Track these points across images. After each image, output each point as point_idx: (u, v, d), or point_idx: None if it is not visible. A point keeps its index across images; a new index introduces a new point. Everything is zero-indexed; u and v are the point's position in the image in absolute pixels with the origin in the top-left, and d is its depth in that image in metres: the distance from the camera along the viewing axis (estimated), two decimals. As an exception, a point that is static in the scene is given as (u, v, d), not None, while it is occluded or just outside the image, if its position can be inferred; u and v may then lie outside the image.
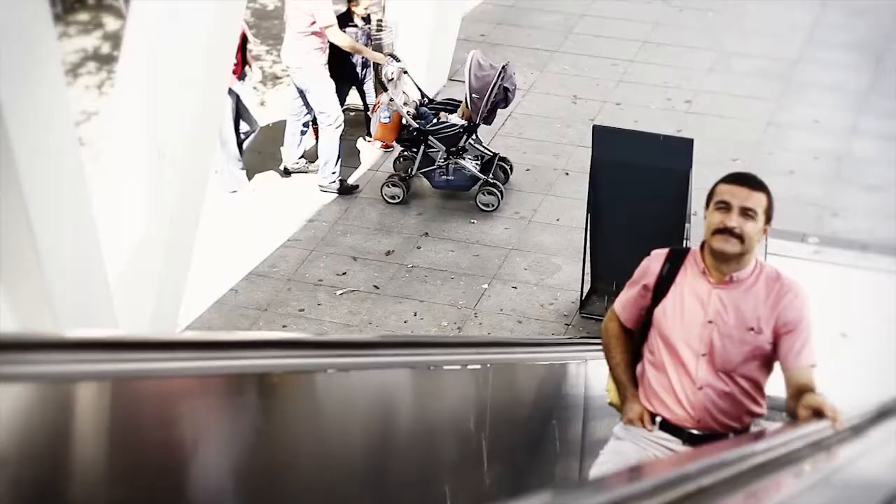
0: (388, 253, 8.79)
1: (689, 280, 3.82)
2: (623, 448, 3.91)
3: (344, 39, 9.23)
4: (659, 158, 7.66)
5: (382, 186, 9.35)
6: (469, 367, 4.23)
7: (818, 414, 3.46)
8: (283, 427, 3.25)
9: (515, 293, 8.40)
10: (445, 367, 4.30)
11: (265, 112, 10.45)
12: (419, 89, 9.55)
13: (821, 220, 9.24)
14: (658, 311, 3.84)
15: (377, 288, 8.39)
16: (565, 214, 9.19)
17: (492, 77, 8.83)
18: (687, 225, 7.77)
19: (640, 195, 7.77)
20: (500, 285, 8.48)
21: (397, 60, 9.42)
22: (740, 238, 3.66)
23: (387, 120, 9.12)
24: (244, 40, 9.20)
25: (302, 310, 8.12)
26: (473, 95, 8.90)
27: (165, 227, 6.13)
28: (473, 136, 9.22)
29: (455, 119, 9.16)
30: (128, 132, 6.10)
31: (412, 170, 9.29)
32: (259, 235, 8.93)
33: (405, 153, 9.48)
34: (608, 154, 7.89)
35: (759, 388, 3.83)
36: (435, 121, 9.22)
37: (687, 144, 7.71)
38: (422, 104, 9.44)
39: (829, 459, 3.29)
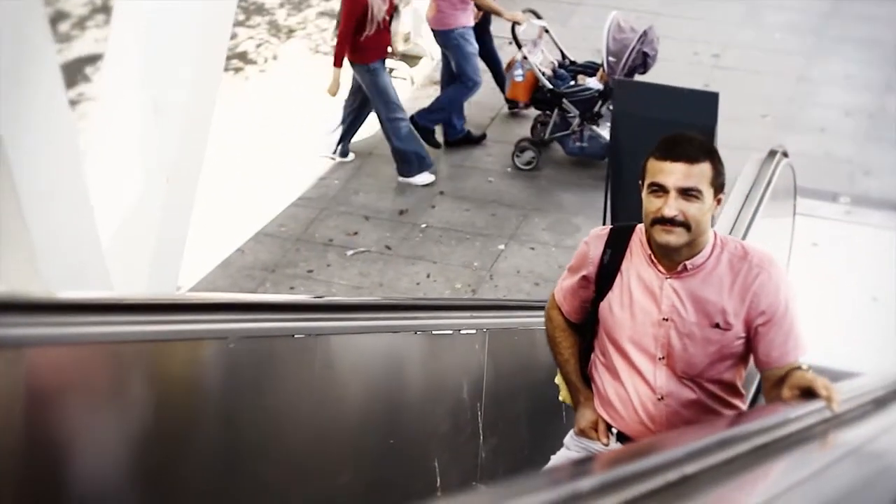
0: (401, 212, 8.52)
1: (636, 267, 3.16)
2: (573, 457, 3.33)
3: (487, 1, 8.94)
4: (683, 113, 7.35)
5: (514, 154, 9.01)
6: (463, 331, 3.99)
7: (809, 394, 2.86)
8: (272, 393, 3.10)
9: (533, 254, 8.12)
10: (448, 332, 4.09)
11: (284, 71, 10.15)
12: (560, 50, 9.21)
13: (852, 179, 8.93)
14: (603, 306, 3.19)
15: (389, 248, 8.13)
16: (586, 172, 8.89)
17: (631, 40, 8.48)
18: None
19: (663, 152, 7.48)
20: (518, 246, 8.21)
21: (538, 18, 9.15)
22: (685, 225, 2.99)
23: (520, 78, 8.83)
24: (393, 10, 8.63)
25: (311, 271, 7.87)
26: (610, 58, 8.56)
27: (162, 187, 5.89)
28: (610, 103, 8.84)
29: (592, 83, 8.83)
30: (122, 86, 5.86)
31: (545, 134, 8.98)
32: (267, 194, 8.67)
33: (541, 117, 9.14)
34: (630, 108, 7.62)
35: (733, 389, 3.19)
36: (572, 83, 8.90)
37: (712, 99, 7.41)
38: (561, 65, 9.10)
39: (823, 446, 2.83)
